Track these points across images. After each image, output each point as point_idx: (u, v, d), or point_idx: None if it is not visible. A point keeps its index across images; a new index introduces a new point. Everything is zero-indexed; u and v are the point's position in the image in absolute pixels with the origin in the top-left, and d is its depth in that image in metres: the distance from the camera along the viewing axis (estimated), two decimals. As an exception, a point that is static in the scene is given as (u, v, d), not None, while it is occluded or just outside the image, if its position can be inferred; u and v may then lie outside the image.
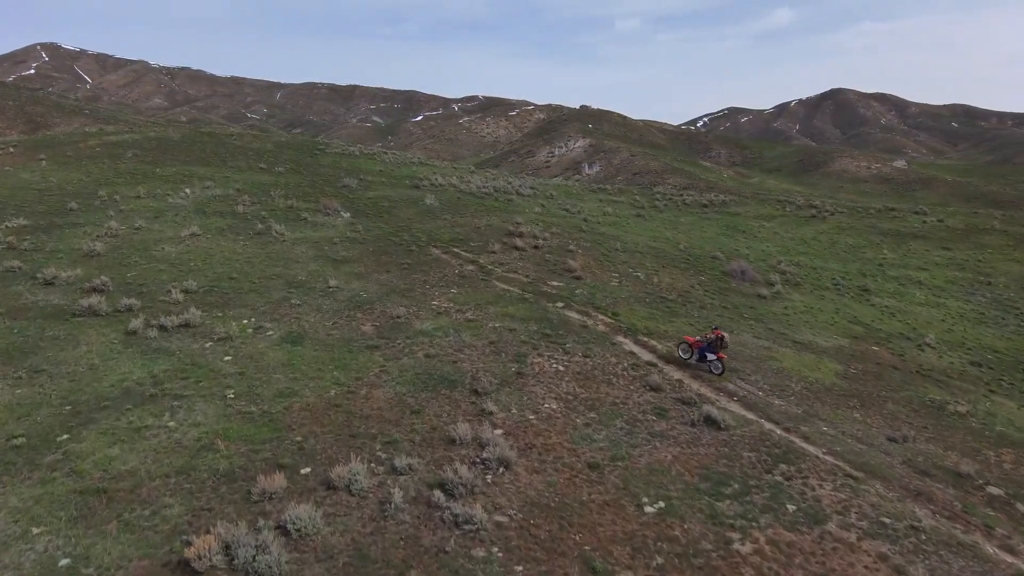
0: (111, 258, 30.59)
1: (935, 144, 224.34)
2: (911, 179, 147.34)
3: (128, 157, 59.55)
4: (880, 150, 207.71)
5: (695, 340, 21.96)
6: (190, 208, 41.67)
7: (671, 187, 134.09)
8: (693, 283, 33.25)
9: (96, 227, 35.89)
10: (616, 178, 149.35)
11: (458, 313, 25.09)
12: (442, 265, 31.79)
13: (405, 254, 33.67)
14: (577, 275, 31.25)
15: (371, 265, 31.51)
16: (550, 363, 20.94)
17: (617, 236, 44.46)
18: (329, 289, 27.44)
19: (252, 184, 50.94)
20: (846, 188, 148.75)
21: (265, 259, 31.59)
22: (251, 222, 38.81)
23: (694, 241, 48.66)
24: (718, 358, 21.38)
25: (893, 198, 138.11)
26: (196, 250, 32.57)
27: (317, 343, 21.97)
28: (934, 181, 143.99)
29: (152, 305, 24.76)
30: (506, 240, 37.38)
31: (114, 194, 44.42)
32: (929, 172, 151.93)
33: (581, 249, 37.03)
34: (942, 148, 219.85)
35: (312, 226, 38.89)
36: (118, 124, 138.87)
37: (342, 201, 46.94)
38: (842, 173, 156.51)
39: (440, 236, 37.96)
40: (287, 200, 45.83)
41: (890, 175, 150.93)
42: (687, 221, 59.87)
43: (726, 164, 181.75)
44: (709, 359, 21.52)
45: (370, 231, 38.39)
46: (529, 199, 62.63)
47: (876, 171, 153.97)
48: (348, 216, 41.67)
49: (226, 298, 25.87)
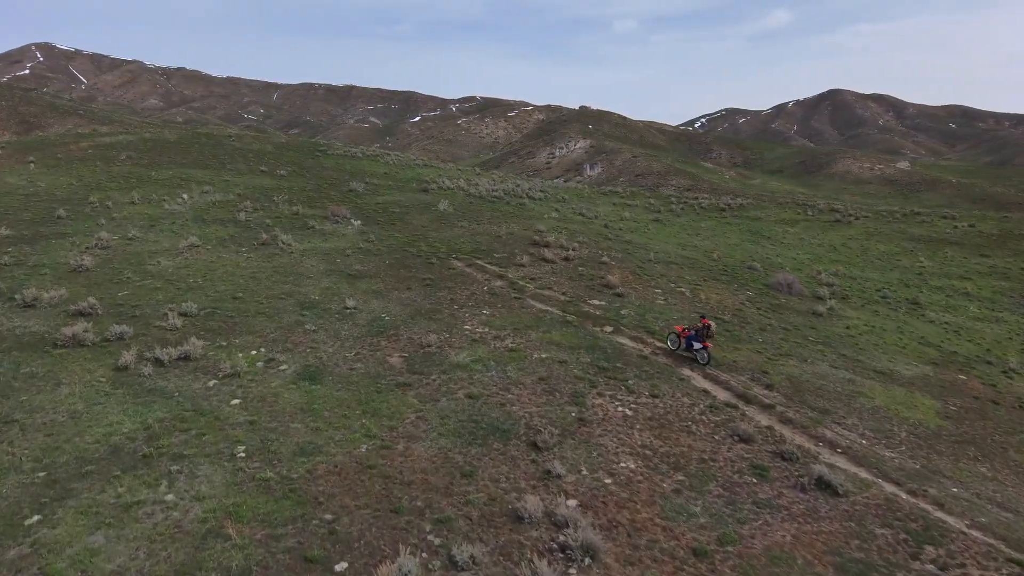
0: (101, 274, 27.15)
1: (933, 145, 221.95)
2: (915, 180, 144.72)
3: (122, 159, 56.03)
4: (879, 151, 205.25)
5: (683, 329, 21.78)
6: (188, 216, 38.24)
7: (674, 189, 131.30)
8: (741, 299, 30.02)
9: (85, 237, 32.44)
10: (618, 179, 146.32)
11: (496, 340, 21.78)
12: (468, 281, 28.47)
13: (425, 267, 30.33)
14: (618, 292, 27.96)
15: (390, 281, 28.15)
16: (614, 405, 17.66)
17: (645, 244, 41.23)
18: (346, 311, 24.09)
19: (254, 188, 47.51)
20: (850, 189, 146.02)
21: (272, 274, 28.20)
22: (255, 231, 35.42)
23: (723, 249, 45.50)
24: (704, 347, 20.99)
25: (898, 199, 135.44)
26: (195, 264, 29.16)
27: (339, 380, 18.63)
28: (939, 183, 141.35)
29: (146, 332, 21.37)
30: (532, 251, 34.09)
31: (106, 200, 40.94)
32: (933, 173, 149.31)
33: (614, 260, 33.76)
34: (940, 149, 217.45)
35: (321, 235, 35.51)
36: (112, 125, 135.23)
37: (350, 207, 43.59)
38: (845, 174, 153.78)
39: (460, 246, 34.63)
40: (292, 206, 42.44)
41: (894, 176, 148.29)
42: (707, 226, 56.72)
43: (727, 165, 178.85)
44: (696, 348, 21.17)
45: (384, 241, 35.04)
46: (541, 203, 59.44)
47: (879, 172, 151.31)
48: (359, 224, 38.29)
49: (230, 323, 22.49)
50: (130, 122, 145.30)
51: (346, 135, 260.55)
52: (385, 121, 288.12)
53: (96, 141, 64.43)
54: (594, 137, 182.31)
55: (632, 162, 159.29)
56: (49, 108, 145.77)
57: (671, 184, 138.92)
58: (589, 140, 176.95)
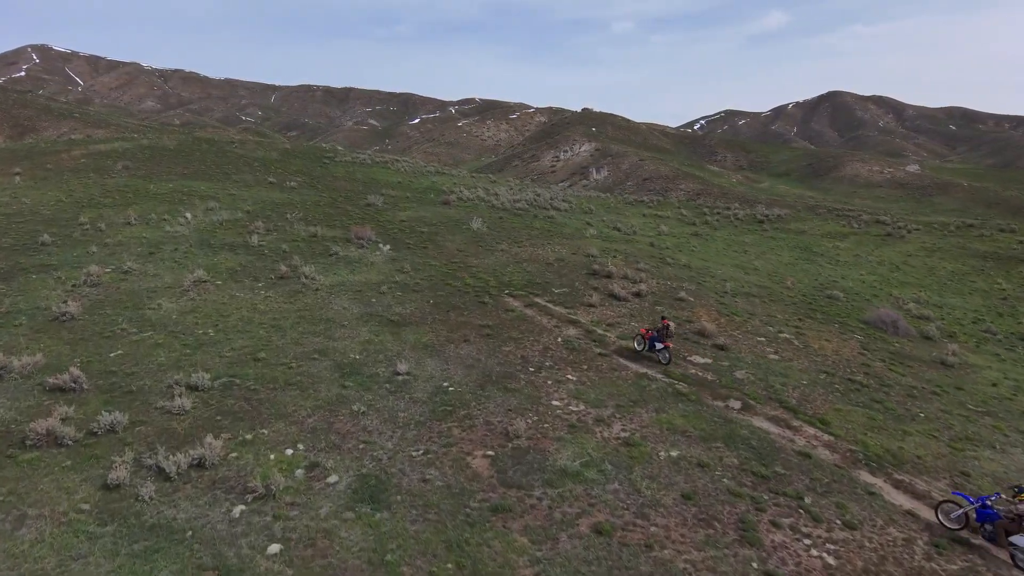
0: (89, 325, 21.71)
1: (935, 147, 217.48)
2: (926, 184, 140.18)
3: (117, 170, 50.43)
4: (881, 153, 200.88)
5: (647, 330, 21.74)
6: (192, 240, 32.81)
7: (684, 193, 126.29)
8: (855, 347, 24.81)
9: (73, 271, 26.97)
10: (626, 183, 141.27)
11: (601, 427, 16.49)
12: (534, 328, 23.18)
13: (478, 308, 25.03)
14: (719, 343, 22.72)
15: (440, 329, 22.82)
16: (803, 545, 12.42)
17: (707, 269, 36.03)
18: (398, 378, 18.75)
19: (263, 204, 42.08)
20: (860, 193, 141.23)
21: (298, 321, 22.84)
22: (270, 259, 30.03)
23: (781, 269, 40.38)
24: (665, 347, 20.90)
25: (911, 203, 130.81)
26: (204, 307, 23.76)
27: (411, 501, 13.31)
28: (950, 186, 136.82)
29: (145, 419, 15.99)
30: (595, 284, 28.84)
31: (99, 220, 35.45)
32: (943, 177, 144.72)
33: (690, 295, 28.53)
34: (942, 151, 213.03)
35: (347, 264, 30.12)
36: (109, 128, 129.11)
37: (373, 225, 38.24)
38: (854, 178, 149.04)
39: (510, 277, 29.34)
40: (309, 226, 37.05)
41: (904, 180, 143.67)
42: (752, 241, 51.60)
43: (732, 168, 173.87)
44: (658, 348, 21.13)
45: (421, 271, 29.70)
46: (569, 215, 54.30)
47: (889, 176, 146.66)
48: (388, 249, 32.89)
49: (254, 401, 17.12)
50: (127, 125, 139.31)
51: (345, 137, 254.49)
52: (384, 123, 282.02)
53: (90, 149, 58.75)
54: (598, 140, 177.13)
55: (639, 165, 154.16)
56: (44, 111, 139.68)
57: (680, 188, 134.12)
58: (594, 143, 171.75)
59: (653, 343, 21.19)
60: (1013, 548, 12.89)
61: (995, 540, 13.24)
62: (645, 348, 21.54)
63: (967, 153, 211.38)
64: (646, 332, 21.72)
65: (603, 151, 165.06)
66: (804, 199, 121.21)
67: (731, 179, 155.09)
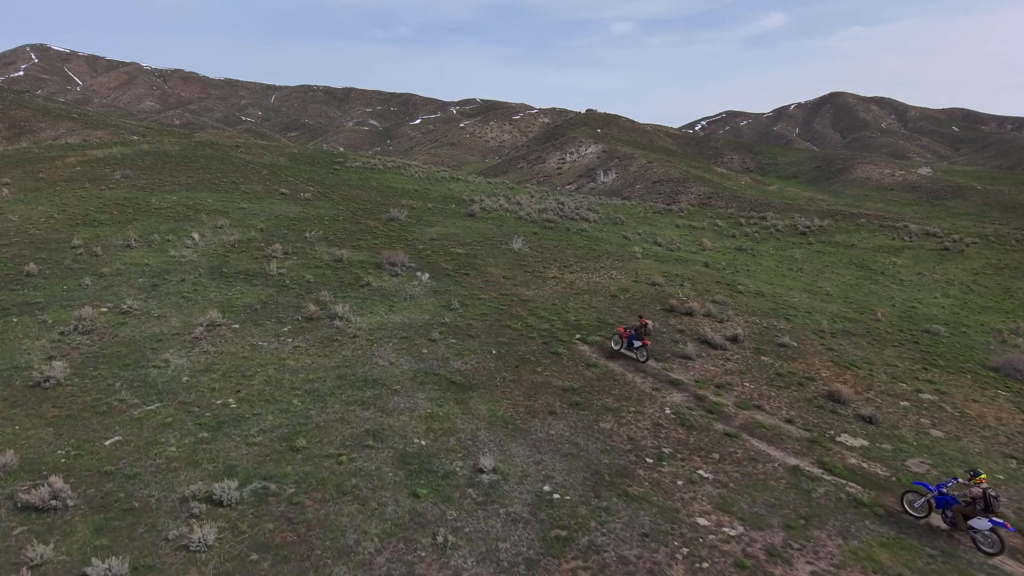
0: (79, 394, 16.93)
1: (938, 148, 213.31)
2: (939, 187, 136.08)
3: (115, 180, 45.55)
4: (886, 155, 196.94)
5: (624, 330, 21.31)
6: (201, 266, 28.02)
7: (695, 197, 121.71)
8: (1011, 411, 20.15)
9: (62, 311, 22.17)
10: (634, 186, 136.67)
11: (781, 566, 11.83)
12: (629, 391, 18.51)
13: (551, 360, 20.33)
14: (862, 413, 18.03)
15: (515, 392, 18.13)
16: None
17: (780, 297, 31.43)
18: (482, 477, 14.04)
19: (278, 220, 37.31)
20: (872, 196, 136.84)
21: (338, 384, 18.10)
22: (293, 293, 25.27)
23: (843, 288, 35.84)
24: (643, 344, 20.53)
25: (924, 207, 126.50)
26: (221, 363, 19.00)
27: None
28: (964, 189, 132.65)
29: (153, 563, 11.23)
30: (678, 323, 24.17)
31: (94, 242, 30.64)
32: (956, 180, 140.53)
33: (791, 337, 23.87)
34: (946, 153, 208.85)
35: (384, 299, 25.36)
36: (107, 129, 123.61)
37: (402, 244, 33.55)
38: (865, 180, 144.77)
39: (575, 315, 24.64)
40: (331, 247, 32.32)
41: (917, 183, 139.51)
42: (803, 257, 47.05)
43: (739, 170, 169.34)
44: (636, 347, 20.73)
45: (469, 307, 24.97)
46: (601, 227, 49.77)
47: (901, 178, 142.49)
48: (427, 278, 28.12)
49: (300, 526, 12.38)
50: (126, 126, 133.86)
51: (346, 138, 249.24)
52: (384, 124, 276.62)
53: (86, 155, 53.75)
54: (604, 142, 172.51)
55: (647, 168, 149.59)
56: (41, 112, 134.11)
57: (691, 192, 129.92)
58: (600, 145, 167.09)
59: (631, 342, 20.79)
60: (972, 531, 13.08)
61: (955, 524, 13.37)
62: (622, 347, 21.22)
63: (971, 155, 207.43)
64: (624, 331, 21.31)
65: (610, 153, 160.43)
66: (816, 202, 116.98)
67: (739, 181, 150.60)
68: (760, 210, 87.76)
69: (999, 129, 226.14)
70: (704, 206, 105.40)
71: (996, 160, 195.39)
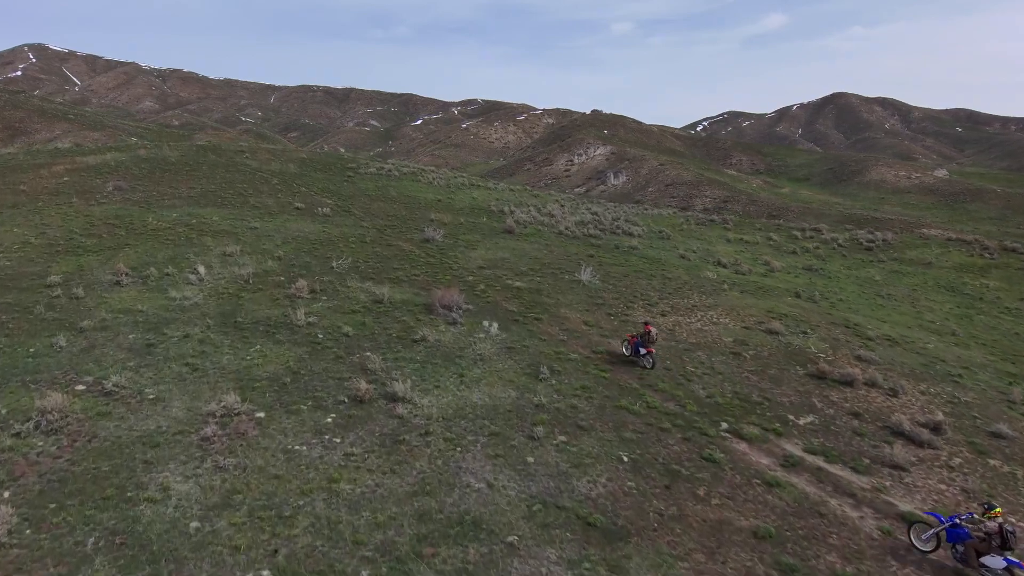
0: (28, 561, 10.68)
1: (943, 149, 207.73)
2: (957, 190, 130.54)
3: (108, 192, 39.16)
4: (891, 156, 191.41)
5: (631, 336, 20.86)
6: (210, 314, 21.74)
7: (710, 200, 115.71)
8: None
9: (20, 396, 15.90)
10: (646, 189, 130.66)
11: None
12: (840, 532, 12.53)
13: (711, 475, 14.28)
14: None
15: (687, 543, 12.09)
16: None
17: (913, 345, 25.35)
18: None
19: (296, 243, 31.05)
20: (889, 200, 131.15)
21: (422, 533, 12.01)
22: (331, 354, 19.05)
23: (982, 333, 29.86)
24: (648, 352, 19.98)
25: (945, 211, 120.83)
26: (245, 491, 12.81)
27: None
28: (983, 192, 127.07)
29: None
30: (850, 405, 18.07)
31: (76, 278, 24.31)
32: (974, 182, 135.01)
33: (1003, 422, 17.80)
34: (951, 154, 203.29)
35: (448, 361, 19.14)
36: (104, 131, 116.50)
37: (450, 279, 27.37)
38: (880, 183, 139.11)
39: (705, 386, 18.56)
40: (365, 281, 26.12)
41: (934, 185, 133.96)
42: (883, 280, 41.07)
43: (749, 171, 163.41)
44: (642, 353, 20.18)
45: (562, 374, 18.79)
46: (647, 241, 43.87)
47: (917, 181, 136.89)
48: (495, 329, 21.88)
49: None
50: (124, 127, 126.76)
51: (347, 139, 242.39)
52: (385, 124, 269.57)
53: (76, 163, 47.21)
54: (613, 143, 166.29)
55: (659, 170, 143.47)
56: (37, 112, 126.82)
57: (706, 195, 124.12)
58: (609, 146, 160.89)
59: (637, 348, 20.45)
60: (984, 570, 11.78)
61: (966, 561, 12.08)
62: (631, 353, 20.84)
63: (977, 156, 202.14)
64: (631, 337, 20.99)
65: (619, 155, 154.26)
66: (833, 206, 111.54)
67: (751, 184, 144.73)
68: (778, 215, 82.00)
69: (1003, 130, 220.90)
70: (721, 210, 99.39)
71: (1003, 161, 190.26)
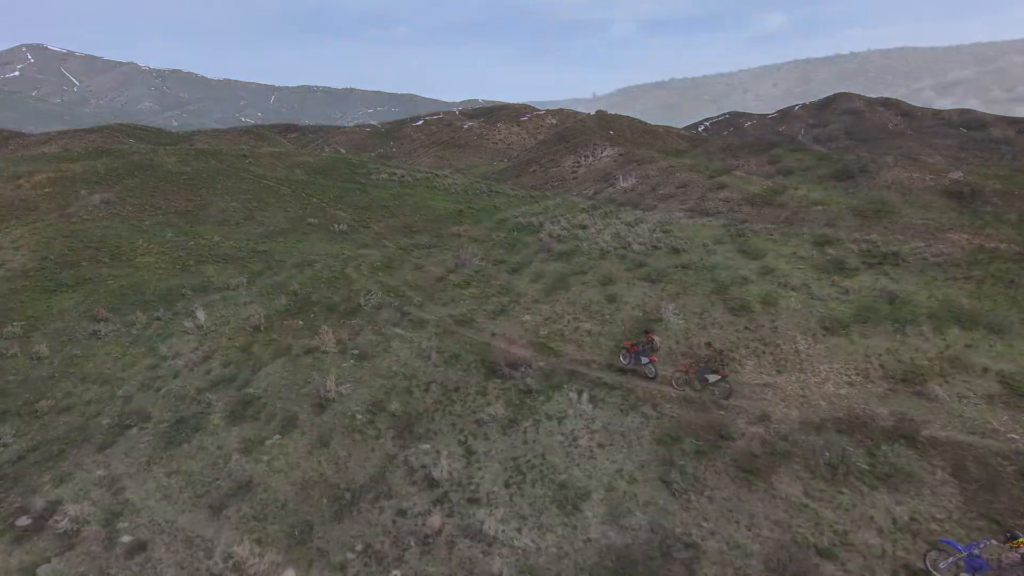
0: None
1: (948, 150, 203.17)
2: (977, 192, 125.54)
3: (93, 206, 33.79)
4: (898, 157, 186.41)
5: (631, 344, 19.43)
6: (211, 381, 16.41)
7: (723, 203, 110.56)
8: None
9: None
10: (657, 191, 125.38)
11: None
12: None
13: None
14: None
15: None
16: None
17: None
18: None
19: (314, 272, 25.73)
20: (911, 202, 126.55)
21: None
22: (378, 453, 13.74)
23: None
24: (651, 360, 18.74)
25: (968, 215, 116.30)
26: None
27: None
28: (1005, 195, 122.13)
29: None
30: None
31: (42, 325, 18.98)
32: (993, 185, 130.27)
33: None
34: (956, 155, 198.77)
35: (541, 462, 13.87)
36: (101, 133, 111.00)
37: (504, 321, 22.15)
38: (896, 185, 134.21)
39: (902, 546, 13.32)
40: (399, 324, 20.82)
41: (952, 187, 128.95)
42: (974, 303, 35.72)
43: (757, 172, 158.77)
44: (644, 362, 18.87)
45: (707, 483, 13.52)
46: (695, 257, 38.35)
47: (934, 182, 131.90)
48: (584, 402, 16.58)
49: None
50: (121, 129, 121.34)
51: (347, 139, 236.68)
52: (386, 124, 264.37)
53: (61, 170, 41.69)
54: (619, 144, 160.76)
55: (669, 172, 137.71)
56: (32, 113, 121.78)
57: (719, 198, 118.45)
58: (616, 148, 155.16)
59: (639, 357, 18.90)
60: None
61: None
62: (630, 362, 19.20)
63: (983, 156, 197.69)
64: (631, 346, 19.39)
65: (627, 156, 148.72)
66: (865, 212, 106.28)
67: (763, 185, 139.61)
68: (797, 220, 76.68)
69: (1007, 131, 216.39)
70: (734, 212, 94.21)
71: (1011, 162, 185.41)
